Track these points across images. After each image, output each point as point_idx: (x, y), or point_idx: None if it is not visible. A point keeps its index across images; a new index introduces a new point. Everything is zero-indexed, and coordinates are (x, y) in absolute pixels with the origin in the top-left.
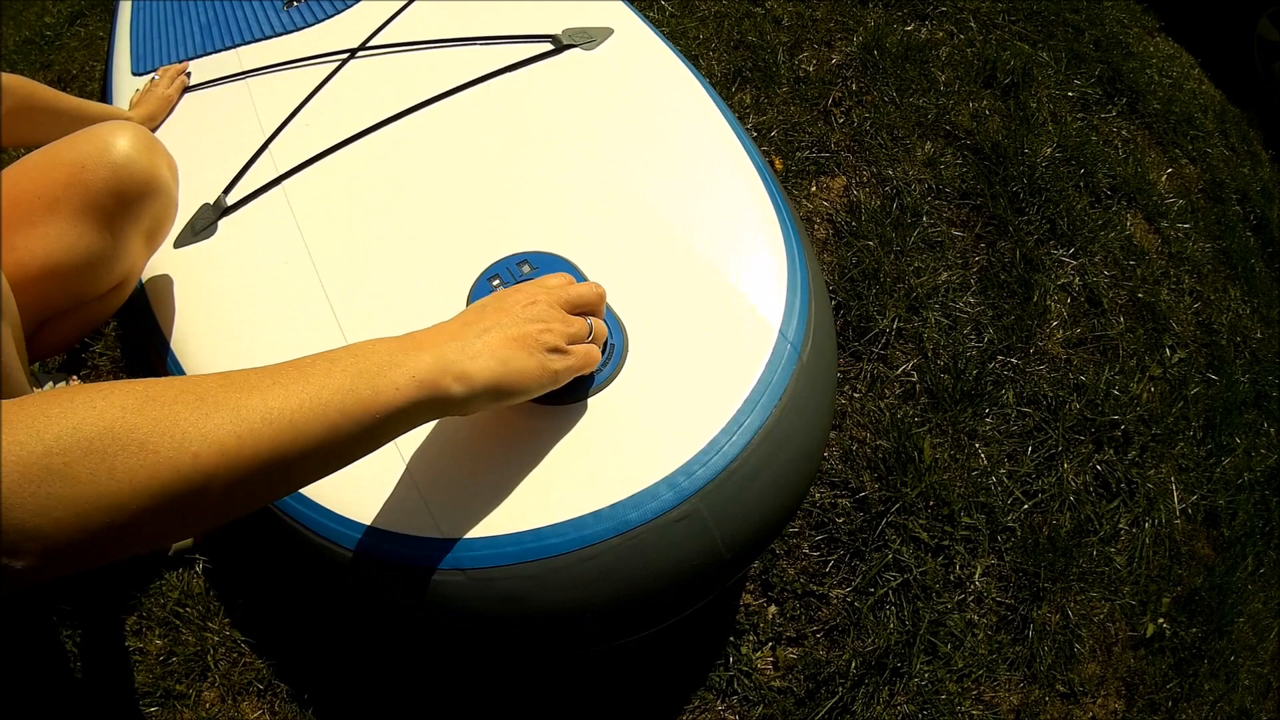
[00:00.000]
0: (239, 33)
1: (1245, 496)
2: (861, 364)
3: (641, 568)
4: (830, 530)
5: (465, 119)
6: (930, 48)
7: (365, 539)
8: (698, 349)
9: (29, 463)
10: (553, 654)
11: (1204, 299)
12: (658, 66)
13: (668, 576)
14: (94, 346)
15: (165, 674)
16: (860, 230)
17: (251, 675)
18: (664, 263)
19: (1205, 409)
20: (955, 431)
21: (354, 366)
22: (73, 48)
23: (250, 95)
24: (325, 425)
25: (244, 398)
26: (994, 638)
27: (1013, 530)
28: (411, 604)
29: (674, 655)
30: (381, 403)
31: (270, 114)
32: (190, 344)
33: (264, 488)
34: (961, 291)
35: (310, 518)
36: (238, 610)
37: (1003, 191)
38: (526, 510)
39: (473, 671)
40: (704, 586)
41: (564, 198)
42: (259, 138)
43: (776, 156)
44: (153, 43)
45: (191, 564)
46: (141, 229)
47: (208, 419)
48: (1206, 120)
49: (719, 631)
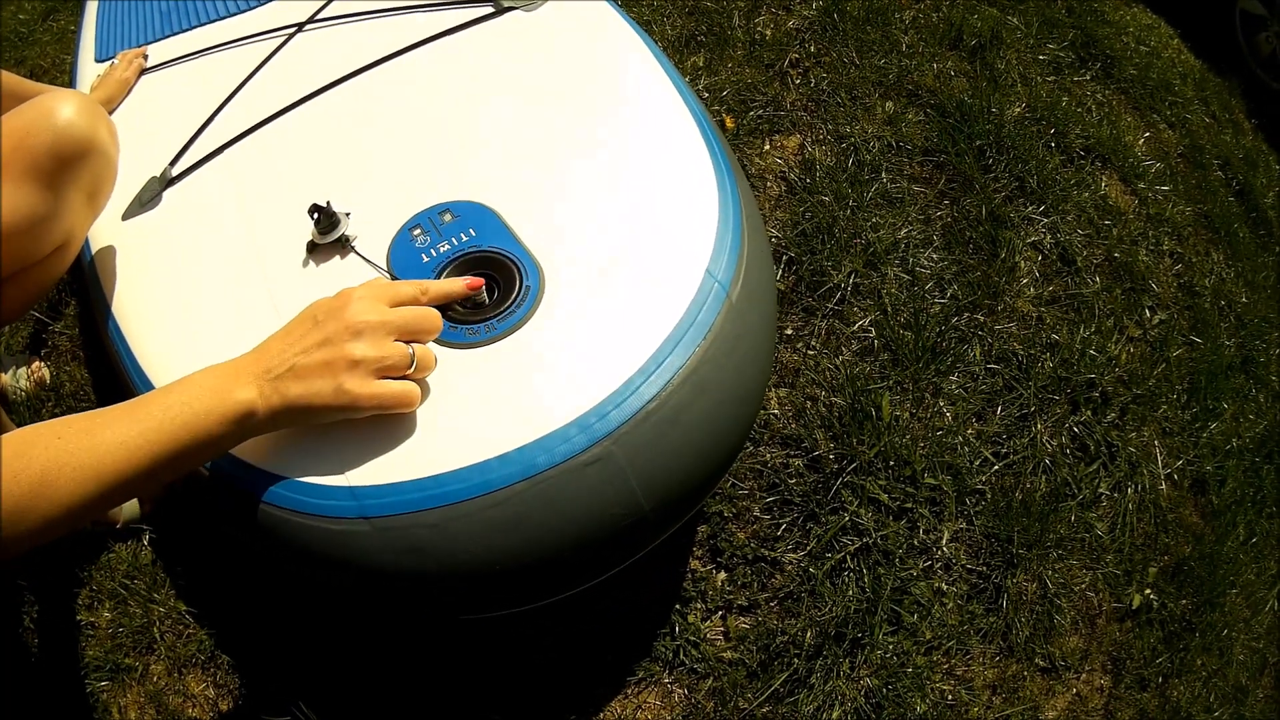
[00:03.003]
0: (197, 14)
1: (1235, 463)
2: (815, 320)
3: (552, 516)
4: (782, 491)
5: (402, 83)
6: (893, 11)
7: (274, 488)
8: (618, 289)
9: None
10: (463, 610)
11: (1185, 261)
12: (597, 25)
13: (582, 527)
14: (53, 326)
15: (114, 648)
16: (814, 186)
17: (195, 647)
18: (589, 205)
19: (1189, 372)
20: (917, 389)
21: (185, 410)
22: (45, 43)
23: (202, 73)
24: (168, 450)
25: (103, 433)
26: (965, 607)
27: (982, 493)
28: (316, 554)
29: (617, 624)
30: (207, 434)
31: (218, 90)
32: (129, 311)
33: (121, 494)
34: (924, 247)
35: (224, 469)
36: (181, 580)
37: (968, 149)
38: (433, 455)
39: (390, 624)
40: (625, 543)
41: (491, 150)
42: (206, 113)
43: (728, 115)
44: (116, 30)
45: (140, 535)
46: (82, 189)
47: (92, 446)
48: (1186, 88)
49: (665, 599)
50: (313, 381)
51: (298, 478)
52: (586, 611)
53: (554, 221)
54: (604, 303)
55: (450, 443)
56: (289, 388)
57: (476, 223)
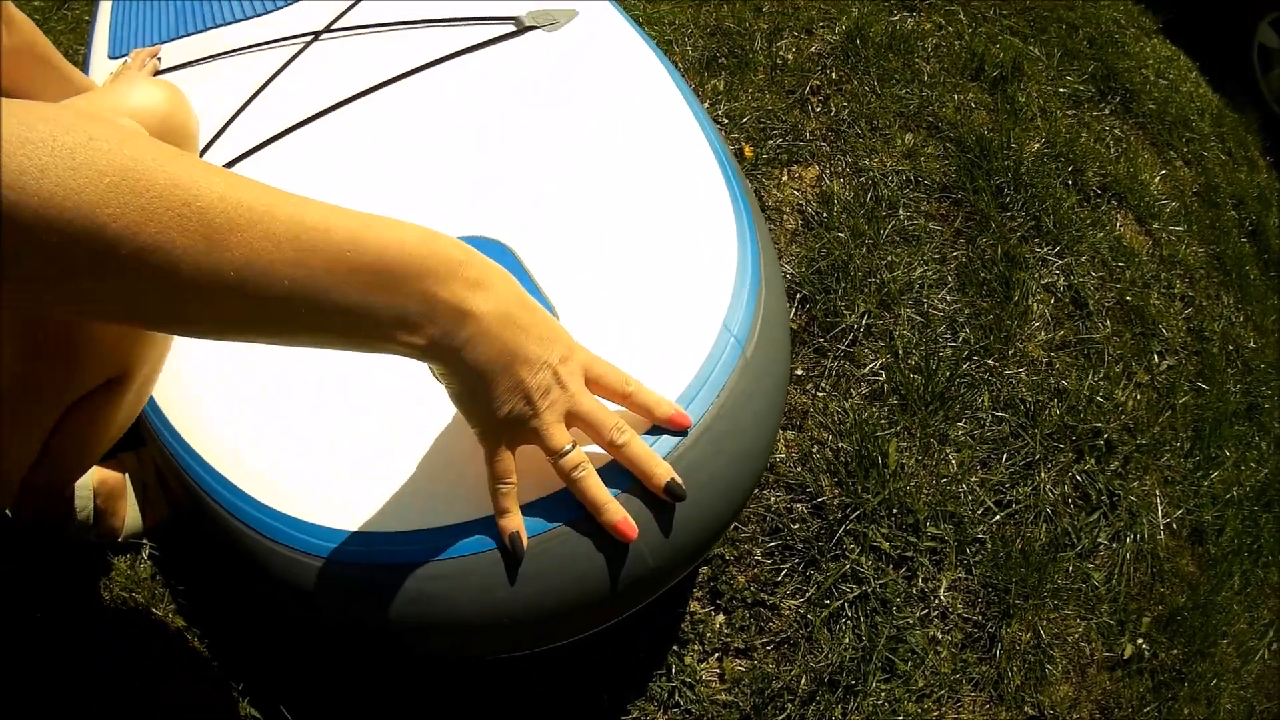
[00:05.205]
0: (212, 16)
1: (1234, 512)
2: (826, 361)
3: (558, 571)
4: (784, 537)
5: (418, 103)
6: (916, 38)
7: (281, 526)
8: (633, 340)
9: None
10: (461, 655)
11: (1195, 304)
12: (620, 50)
13: (587, 582)
14: None
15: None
16: (831, 222)
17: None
18: (606, 250)
19: (1194, 419)
20: (924, 435)
21: (406, 243)
22: (59, 31)
23: (215, 79)
24: (363, 266)
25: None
26: (958, 655)
27: (983, 542)
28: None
29: (613, 662)
30: (402, 285)
31: (231, 98)
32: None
33: (280, 315)
34: (937, 288)
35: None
36: (181, 599)
37: (986, 186)
38: (444, 506)
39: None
40: (629, 596)
41: (508, 182)
42: (219, 122)
43: (747, 144)
44: (130, 26)
45: (139, 549)
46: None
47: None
48: (1203, 123)
49: (662, 639)
50: (511, 375)
51: (307, 518)
52: (582, 648)
53: (572, 266)
54: (618, 358)
55: (461, 495)
56: (498, 344)
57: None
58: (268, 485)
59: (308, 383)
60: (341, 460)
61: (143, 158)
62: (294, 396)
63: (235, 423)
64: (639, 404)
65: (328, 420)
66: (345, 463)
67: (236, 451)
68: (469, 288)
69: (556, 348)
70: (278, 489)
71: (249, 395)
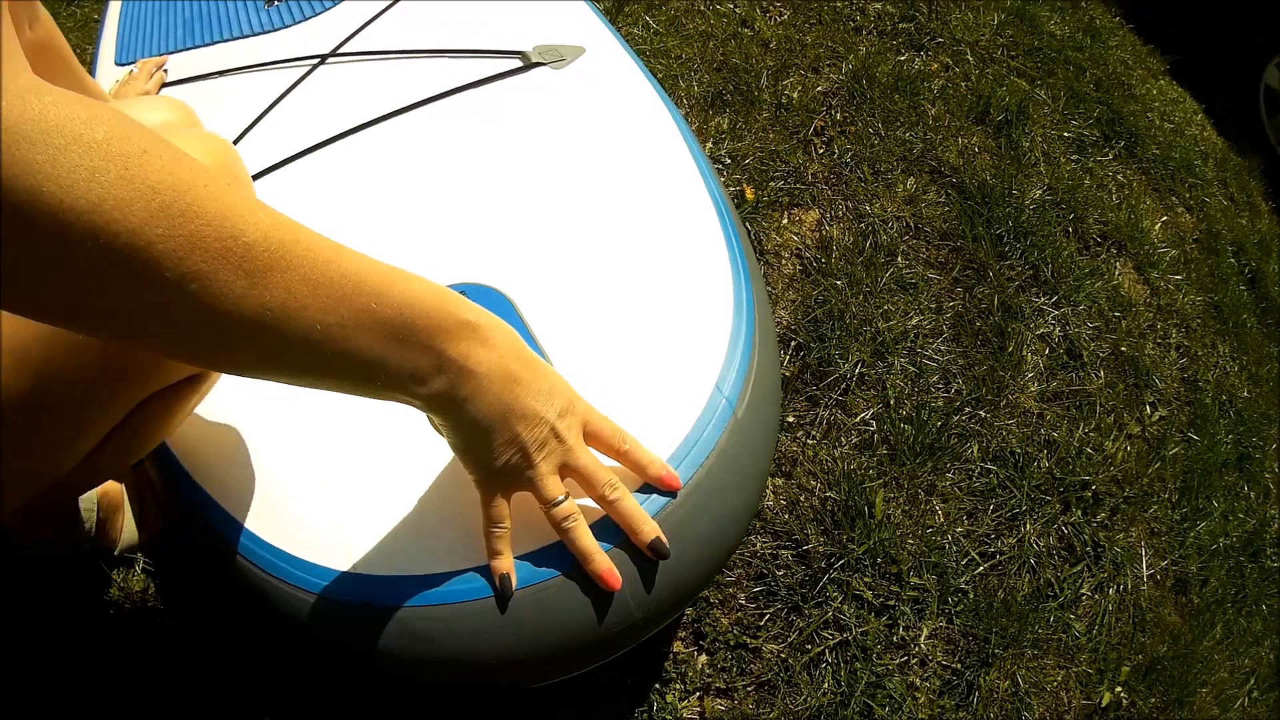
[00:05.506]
0: (220, 29)
1: (1219, 563)
2: (818, 409)
3: (548, 620)
4: (769, 582)
5: (419, 137)
6: (922, 79)
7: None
8: (625, 398)
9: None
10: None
11: (1190, 354)
12: (625, 91)
13: (575, 631)
14: None
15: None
16: (829, 268)
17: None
18: (602, 303)
19: (1183, 470)
20: (912, 486)
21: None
22: (68, 29)
23: (219, 97)
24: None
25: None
26: (936, 702)
27: (965, 592)
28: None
29: (595, 697)
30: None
31: (235, 119)
32: None
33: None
34: (932, 338)
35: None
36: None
37: (985, 234)
38: (441, 554)
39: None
40: (613, 643)
41: (506, 226)
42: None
43: (749, 185)
44: (138, 33)
45: (133, 562)
46: None
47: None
48: (1206, 168)
49: (646, 677)
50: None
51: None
52: (565, 682)
53: (568, 316)
54: (609, 412)
55: (458, 544)
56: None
57: (492, 311)
58: (273, 523)
59: (313, 424)
60: (341, 501)
61: (195, 182)
62: (300, 438)
63: (244, 461)
64: (633, 461)
65: (329, 462)
66: (345, 504)
67: (244, 489)
68: (475, 346)
69: (556, 402)
70: (282, 527)
71: (257, 434)
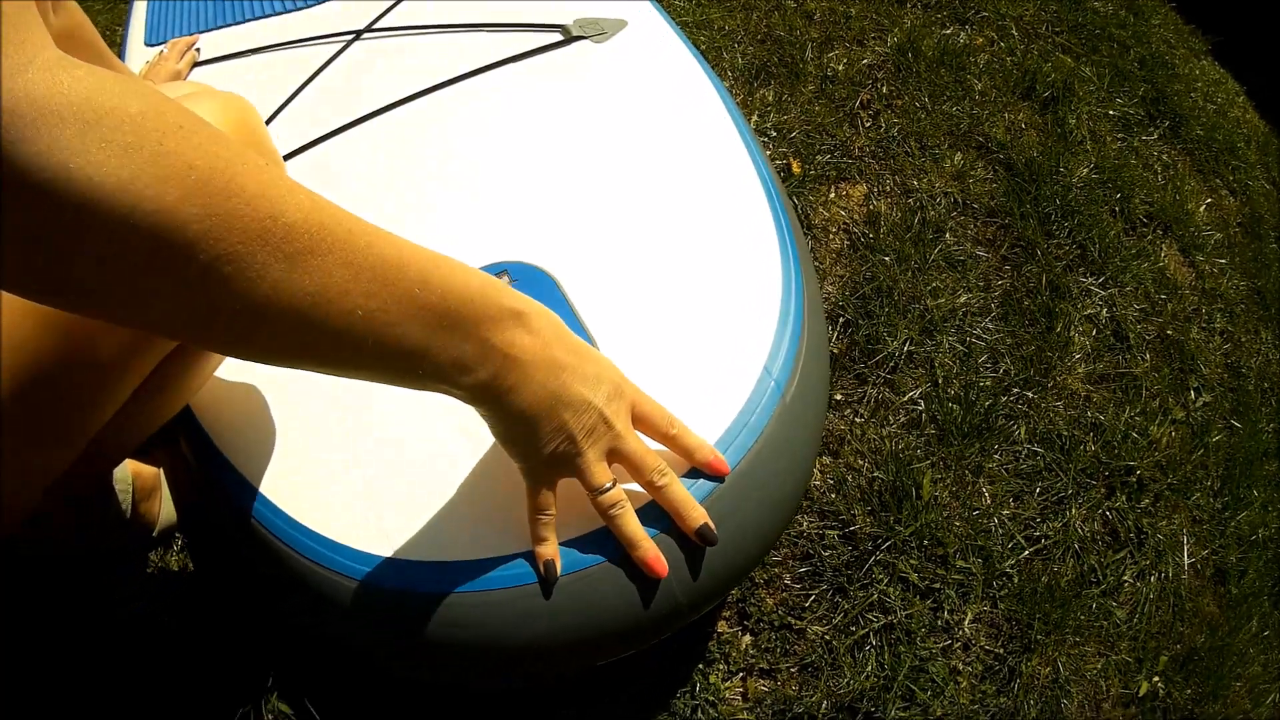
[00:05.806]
0: (252, 7)
1: (1257, 554)
2: (866, 388)
3: (591, 606)
4: (815, 563)
5: (459, 112)
6: (968, 53)
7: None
8: (674, 381)
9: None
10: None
11: (1234, 340)
12: (668, 65)
13: (618, 616)
14: None
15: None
16: (878, 244)
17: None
18: (648, 283)
19: (1225, 458)
20: (959, 467)
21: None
22: (97, 10)
23: (254, 75)
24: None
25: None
26: (978, 687)
27: (1010, 577)
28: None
29: (638, 677)
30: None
31: (270, 96)
32: None
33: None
34: (980, 316)
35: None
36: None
37: (1033, 212)
38: (485, 540)
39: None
40: (657, 628)
41: (548, 204)
42: None
43: (795, 159)
44: (169, 13)
45: (171, 543)
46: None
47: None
48: (1249, 151)
49: (689, 658)
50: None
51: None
52: (566, 682)
53: (614, 298)
54: (656, 395)
55: (501, 530)
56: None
57: (535, 291)
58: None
59: (353, 411)
60: (382, 487)
61: (233, 159)
62: (338, 424)
63: (281, 448)
64: (681, 446)
65: (369, 448)
66: (386, 490)
67: (282, 475)
68: (520, 333)
69: (603, 387)
70: (321, 513)
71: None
